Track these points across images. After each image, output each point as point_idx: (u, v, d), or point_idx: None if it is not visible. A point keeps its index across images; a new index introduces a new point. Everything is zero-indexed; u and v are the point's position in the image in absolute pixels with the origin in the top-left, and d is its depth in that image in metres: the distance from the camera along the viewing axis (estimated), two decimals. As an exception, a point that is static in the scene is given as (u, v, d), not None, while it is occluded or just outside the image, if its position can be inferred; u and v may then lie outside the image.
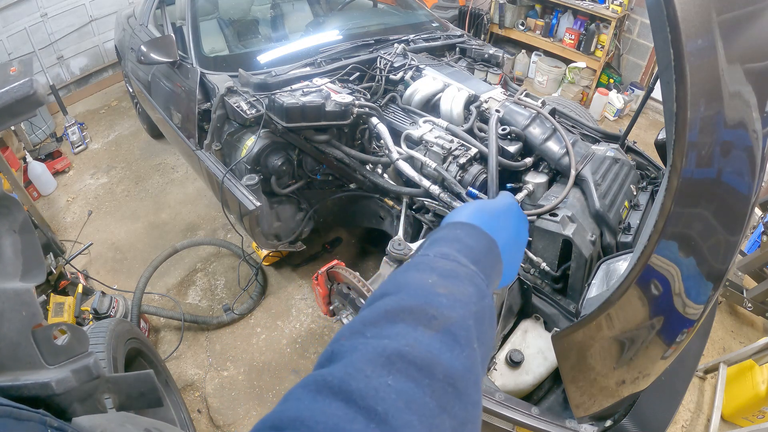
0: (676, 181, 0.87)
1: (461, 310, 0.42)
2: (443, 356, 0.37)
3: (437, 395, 0.35)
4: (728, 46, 0.85)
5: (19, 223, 0.74)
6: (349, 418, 0.32)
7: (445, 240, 0.53)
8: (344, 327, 0.42)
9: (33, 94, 0.88)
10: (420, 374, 0.36)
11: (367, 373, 0.35)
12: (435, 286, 0.44)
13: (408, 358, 0.36)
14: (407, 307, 0.41)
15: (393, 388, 0.34)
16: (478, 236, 0.54)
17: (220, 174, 2.06)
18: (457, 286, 0.45)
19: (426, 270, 0.47)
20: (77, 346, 0.68)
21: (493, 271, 0.53)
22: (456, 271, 0.47)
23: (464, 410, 0.36)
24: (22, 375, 0.61)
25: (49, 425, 0.48)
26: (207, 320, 2.44)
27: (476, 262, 0.50)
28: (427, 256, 0.50)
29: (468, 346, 0.40)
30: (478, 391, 0.39)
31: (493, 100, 2.03)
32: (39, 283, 0.73)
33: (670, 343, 1.13)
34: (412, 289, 0.43)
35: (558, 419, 1.29)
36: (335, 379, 0.35)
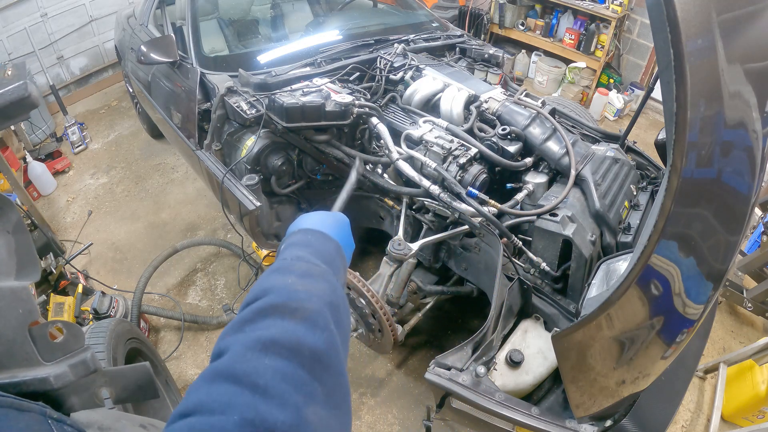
0: (676, 181, 0.87)
1: (318, 301, 0.53)
2: (307, 338, 0.47)
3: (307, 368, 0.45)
4: (728, 46, 0.85)
5: (12, 223, 0.74)
6: (238, 393, 0.41)
7: (299, 244, 0.64)
8: (226, 327, 0.51)
9: (28, 97, 0.89)
10: (291, 354, 0.45)
11: (248, 357, 0.44)
12: (294, 284, 0.54)
13: (279, 342, 0.45)
14: (274, 305, 0.50)
15: (270, 366, 0.43)
16: (325, 240, 0.67)
17: (220, 174, 2.06)
18: (313, 283, 0.56)
19: (286, 272, 0.57)
20: (73, 342, 0.69)
21: (340, 268, 0.65)
22: (310, 271, 0.58)
23: (332, 378, 0.47)
24: (20, 372, 0.61)
25: (48, 416, 0.50)
26: (207, 320, 2.44)
27: (326, 262, 0.62)
28: (285, 260, 0.60)
29: (327, 329, 0.50)
30: (341, 363, 0.50)
31: (493, 100, 2.03)
32: (34, 281, 0.74)
33: (670, 343, 1.13)
34: (276, 289, 0.53)
35: (558, 419, 1.29)
36: (224, 366, 0.44)
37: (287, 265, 0.59)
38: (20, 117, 0.93)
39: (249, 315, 0.50)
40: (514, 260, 1.69)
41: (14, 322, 0.63)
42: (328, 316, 0.52)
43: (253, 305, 0.51)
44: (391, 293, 1.77)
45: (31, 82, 0.94)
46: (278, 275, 0.56)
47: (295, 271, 0.57)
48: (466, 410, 1.37)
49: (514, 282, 1.59)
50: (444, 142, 1.83)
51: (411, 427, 2.08)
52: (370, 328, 1.73)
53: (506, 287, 1.54)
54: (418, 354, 2.34)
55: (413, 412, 2.12)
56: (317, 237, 0.67)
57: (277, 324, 0.48)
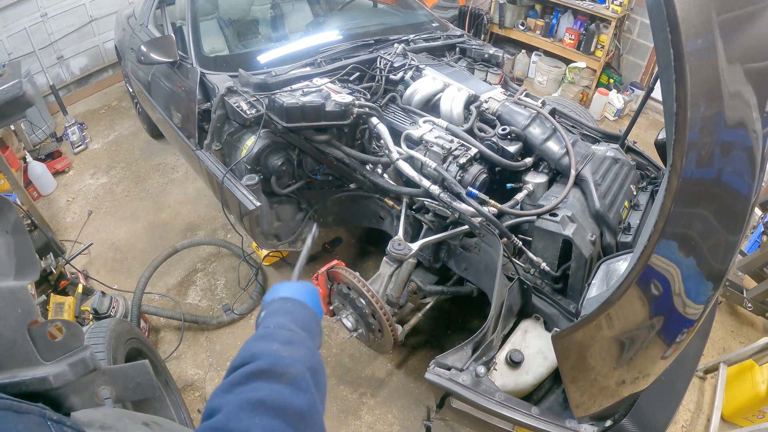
0: (676, 181, 0.87)
1: (300, 366, 0.60)
2: (293, 400, 0.54)
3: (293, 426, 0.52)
4: (728, 46, 0.85)
5: (11, 223, 0.75)
6: None
7: (280, 312, 0.73)
8: (217, 389, 0.57)
9: (22, 96, 0.89)
10: (278, 413, 0.52)
11: (241, 416, 0.50)
12: (279, 351, 0.61)
13: (268, 403, 0.52)
14: (261, 369, 0.57)
15: (260, 425, 0.50)
16: (303, 309, 0.75)
17: (220, 174, 2.06)
18: (295, 350, 0.63)
19: (270, 339, 0.64)
20: (72, 341, 0.69)
21: (316, 333, 0.74)
22: (292, 339, 0.66)
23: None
24: (20, 372, 0.61)
25: (48, 418, 0.50)
26: (207, 320, 2.44)
27: (304, 328, 0.70)
28: (268, 328, 0.68)
29: (309, 391, 0.57)
30: (320, 421, 0.57)
31: (493, 100, 2.03)
32: (33, 281, 0.74)
33: (670, 343, 1.13)
34: (262, 355, 0.60)
35: (558, 419, 1.29)
36: (219, 425, 0.50)
37: (271, 332, 0.66)
38: (16, 116, 0.93)
39: (238, 378, 0.56)
40: (514, 260, 1.69)
41: (13, 323, 0.63)
42: (309, 379, 0.59)
43: (241, 369, 0.57)
44: (391, 293, 1.77)
45: (26, 81, 0.94)
46: (263, 342, 0.63)
47: (279, 338, 0.65)
48: (466, 410, 1.37)
49: (514, 282, 1.59)
50: (444, 142, 1.83)
51: (411, 427, 2.08)
52: (370, 328, 1.73)
53: (506, 287, 1.54)
54: (418, 354, 2.34)
55: (413, 412, 2.12)
56: (295, 305, 0.75)
57: (265, 387, 0.55)
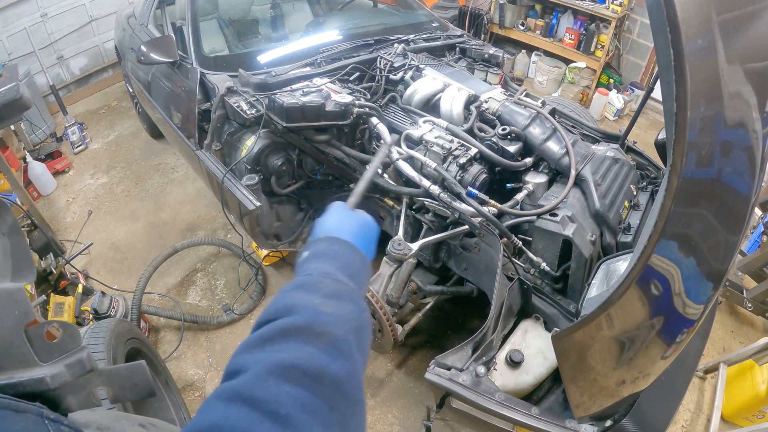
0: (676, 181, 0.87)
1: (344, 326, 0.51)
2: (330, 366, 0.46)
3: (326, 397, 0.44)
4: (728, 46, 0.85)
5: (7, 225, 0.75)
6: (257, 421, 0.39)
7: (326, 256, 0.62)
8: (244, 343, 0.49)
9: (19, 99, 0.89)
10: (312, 382, 0.44)
11: (269, 382, 0.43)
12: (320, 305, 0.52)
13: (302, 369, 0.44)
14: (298, 326, 0.48)
15: (291, 394, 0.42)
16: (353, 253, 0.64)
17: (220, 174, 2.06)
18: (340, 305, 0.54)
19: (311, 290, 0.55)
20: (69, 342, 0.69)
21: (365, 282, 0.65)
22: (338, 291, 0.56)
23: (349, 407, 0.46)
24: (17, 373, 0.61)
25: (46, 417, 0.49)
26: (207, 320, 2.44)
27: (353, 277, 0.60)
28: (310, 276, 0.58)
29: (350, 357, 0.49)
30: (360, 391, 0.49)
31: (493, 100, 2.03)
32: (29, 282, 0.74)
33: (670, 343, 1.13)
34: (301, 309, 0.51)
35: (558, 419, 1.29)
36: (243, 388, 0.42)
37: (313, 281, 0.57)
38: (13, 119, 0.93)
39: (270, 333, 0.48)
40: (514, 260, 1.69)
41: (10, 324, 0.63)
42: (353, 341, 0.50)
43: (275, 323, 0.49)
44: (391, 293, 1.77)
45: (22, 84, 0.94)
46: (303, 293, 0.54)
47: (322, 290, 0.55)
48: (466, 410, 1.37)
49: (514, 282, 1.59)
50: (444, 142, 1.83)
51: (411, 427, 2.08)
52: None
53: (506, 287, 1.54)
54: (418, 354, 2.34)
55: (413, 412, 2.12)
56: (345, 249, 0.64)
57: (300, 348, 0.46)
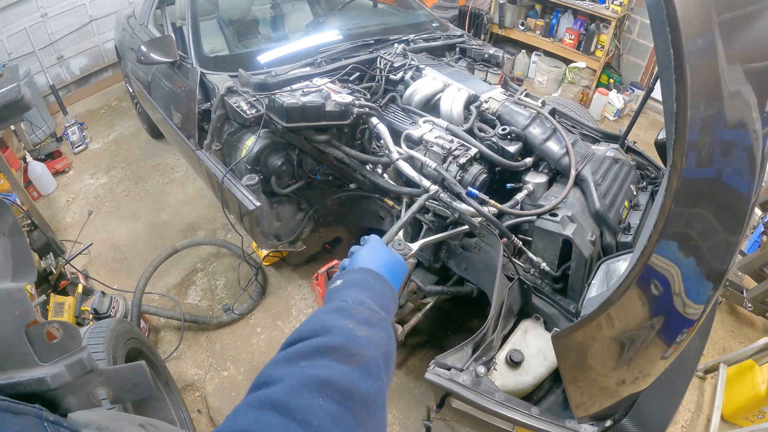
0: (676, 181, 0.87)
1: (375, 350, 0.55)
2: (361, 385, 0.49)
3: (355, 414, 0.46)
4: (728, 46, 0.85)
5: (8, 225, 0.75)
6: (289, 429, 0.41)
7: (360, 286, 0.68)
8: (277, 357, 0.52)
9: (20, 99, 0.89)
10: (343, 398, 0.47)
11: (304, 394, 0.45)
12: (355, 329, 0.56)
13: (335, 385, 0.47)
14: (333, 346, 0.52)
15: (323, 408, 0.44)
16: (383, 285, 0.70)
17: (220, 174, 2.06)
18: (372, 331, 0.58)
19: (347, 315, 0.59)
20: (70, 342, 0.69)
21: (393, 313, 0.69)
22: (370, 319, 0.60)
23: (374, 425, 0.49)
24: (17, 373, 0.61)
25: (45, 419, 0.50)
26: (207, 320, 2.44)
27: (383, 307, 0.65)
28: (346, 302, 0.63)
29: (379, 379, 0.52)
30: (384, 411, 0.52)
31: (493, 100, 2.03)
32: (30, 282, 0.74)
33: (670, 343, 1.13)
34: (336, 330, 0.55)
35: (558, 419, 1.29)
36: (277, 398, 0.44)
37: (348, 307, 0.61)
38: (13, 119, 0.93)
39: (305, 350, 0.51)
40: (514, 260, 1.69)
41: (11, 324, 0.63)
42: (382, 365, 0.54)
43: (311, 341, 0.53)
44: (391, 293, 1.77)
45: (23, 84, 0.94)
46: (339, 317, 0.58)
47: (356, 316, 0.59)
48: (466, 410, 1.37)
49: (514, 282, 1.59)
50: (444, 142, 1.83)
51: (411, 427, 2.08)
52: (370, 328, 1.72)
53: (506, 287, 1.54)
54: (418, 354, 2.34)
55: (413, 412, 2.12)
56: (377, 280, 0.70)
57: (335, 366, 0.49)
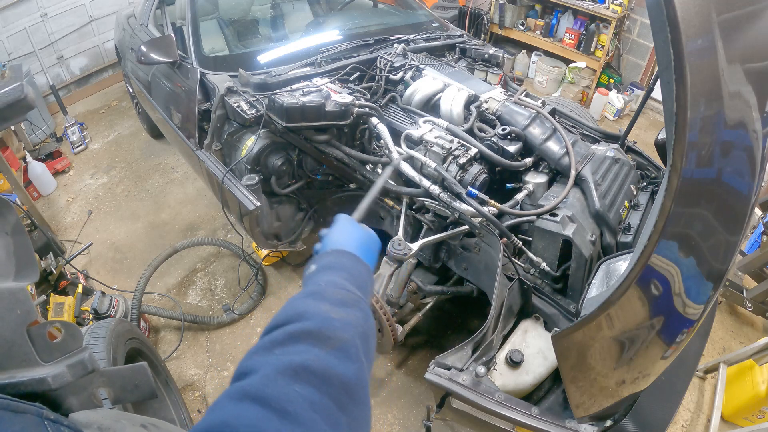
0: (676, 181, 0.87)
1: (351, 331, 0.53)
2: (338, 368, 0.48)
3: (335, 398, 0.45)
4: (728, 46, 0.85)
5: (11, 225, 0.75)
6: (266, 418, 0.40)
7: (333, 268, 0.65)
8: (254, 347, 0.50)
9: (24, 99, 0.89)
10: (321, 382, 0.45)
11: (279, 382, 0.44)
12: (329, 312, 0.54)
13: (311, 369, 0.46)
14: (308, 331, 0.51)
15: (300, 394, 0.43)
16: (359, 265, 0.68)
17: (220, 174, 2.06)
18: (348, 312, 0.56)
19: (320, 299, 0.57)
20: (71, 342, 0.69)
21: (370, 292, 0.67)
22: (345, 300, 0.59)
23: (357, 408, 0.47)
24: (19, 373, 0.61)
25: (45, 417, 0.50)
26: (207, 320, 2.44)
27: (359, 287, 0.63)
28: (320, 286, 0.61)
29: (357, 360, 0.51)
30: (366, 394, 0.50)
31: (493, 100, 2.03)
32: (32, 282, 0.74)
33: (670, 343, 1.13)
34: (310, 315, 0.53)
35: (558, 419, 1.29)
36: (253, 388, 0.43)
37: (321, 290, 0.60)
38: (17, 118, 0.93)
39: (281, 337, 0.50)
40: (514, 260, 1.69)
41: (12, 323, 0.63)
42: (360, 346, 0.53)
43: (285, 327, 0.51)
44: (391, 293, 1.77)
45: (27, 84, 0.94)
46: (313, 301, 0.57)
47: (330, 298, 0.58)
48: (466, 410, 1.37)
49: (514, 282, 1.59)
50: (444, 142, 1.83)
51: (411, 427, 2.08)
52: (370, 328, 1.72)
53: (506, 287, 1.54)
54: (418, 354, 2.34)
55: (413, 412, 2.12)
56: (351, 260, 0.68)
57: (310, 351, 0.48)
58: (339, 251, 0.70)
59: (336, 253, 0.69)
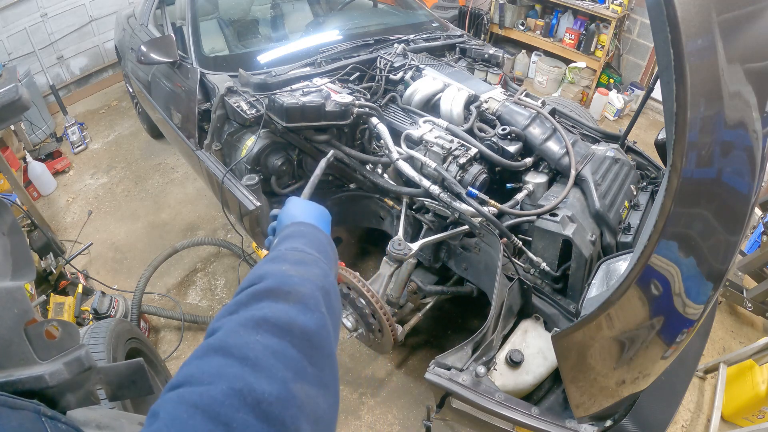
0: (676, 181, 0.87)
1: (310, 286, 0.55)
2: (299, 319, 0.49)
3: (298, 347, 0.46)
4: (728, 46, 0.85)
5: (8, 225, 0.75)
6: (227, 365, 0.42)
7: (294, 236, 0.68)
8: (221, 310, 0.52)
9: (18, 100, 0.90)
10: (282, 332, 0.47)
11: (240, 333, 0.46)
12: (288, 270, 0.57)
13: (271, 321, 0.47)
14: (268, 288, 0.52)
15: (260, 342, 0.45)
16: (317, 232, 0.71)
17: (220, 174, 2.06)
18: (306, 269, 0.58)
19: (280, 261, 0.60)
20: (68, 340, 0.69)
21: (331, 258, 0.69)
22: (304, 259, 0.61)
23: (321, 359, 0.48)
24: (16, 371, 0.61)
25: (42, 414, 0.50)
26: (207, 320, 2.44)
27: (319, 251, 0.66)
28: (280, 251, 0.64)
29: (318, 311, 0.52)
30: (331, 345, 0.52)
31: (493, 100, 2.03)
32: (29, 281, 0.74)
33: (670, 343, 1.13)
34: (270, 275, 0.55)
35: (558, 419, 1.29)
36: (215, 341, 0.46)
37: (281, 254, 0.62)
38: (12, 120, 0.94)
39: (243, 298, 0.52)
40: (514, 260, 1.69)
41: (10, 322, 0.63)
42: (320, 299, 0.54)
43: (247, 290, 0.53)
44: (391, 293, 1.77)
45: (21, 85, 0.95)
46: (273, 263, 0.59)
47: (289, 259, 0.60)
48: (466, 410, 1.37)
49: (514, 282, 1.59)
50: (444, 142, 1.83)
51: (411, 427, 2.08)
52: (370, 328, 1.73)
53: (506, 287, 1.54)
54: (418, 354, 2.34)
55: (413, 412, 2.12)
56: (309, 228, 0.72)
57: (271, 306, 0.50)
58: (296, 222, 0.73)
59: (294, 224, 0.72)
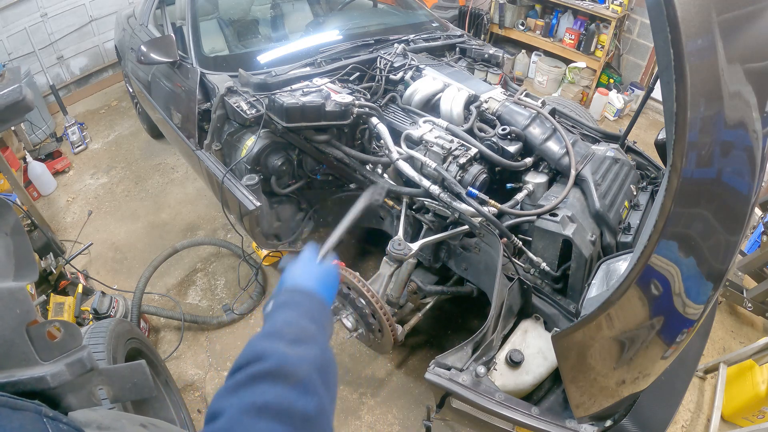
0: (676, 181, 0.87)
1: (308, 367, 0.57)
2: (299, 403, 0.52)
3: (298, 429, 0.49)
4: (728, 46, 0.85)
5: (10, 225, 0.75)
6: None
7: (288, 305, 0.70)
8: (221, 389, 0.55)
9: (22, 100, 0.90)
10: (283, 417, 0.50)
11: (244, 421, 0.48)
12: (285, 350, 0.58)
13: (272, 407, 0.50)
14: (267, 371, 0.55)
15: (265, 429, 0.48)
16: (313, 300, 0.73)
17: (220, 174, 2.06)
18: (303, 349, 0.60)
19: (276, 339, 0.61)
20: (70, 341, 0.69)
21: (326, 324, 0.70)
22: (300, 336, 0.63)
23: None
24: (18, 371, 0.61)
25: (44, 415, 0.50)
26: (207, 320, 2.44)
27: (315, 321, 0.67)
28: (275, 325, 0.65)
29: (316, 393, 0.55)
30: (329, 424, 0.55)
31: (493, 100, 2.03)
32: (31, 282, 0.74)
33: (670, 343, 1.13)
34: (268, 355, 0.57)
35: (558, 419, 1.29)
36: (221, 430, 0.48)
37: (277, 330, 0.64)
38: (15, 120, 0.94)
39: (242, 379, 0.54)
40: (514, 260, 1.69)
41: (12, 323, 0.63)
42: (317, 380, 0.57)
43: (246, 370, 0.55)
44: (391, 293, 1.77)
45: (25, 85, 0.95)
46: (269, 341, 0.61)
47: (286, 336, 0.62)
48: (466, 410, 1.37)
49: (514, 282, 1.59)
50: (444, 142, 1.83)
51: (411, 427, 2.08)
52: (370, 328, 1.73)
53: (506, 287, 1.54)
54: (418, 354, 2.34)
55: (413, 412, 2.12)
56: (304, 296, 0.73)
57: (271, 390, 0.52)
58: (293, 290, 0.75)
59: (291, 292, 0.74)
